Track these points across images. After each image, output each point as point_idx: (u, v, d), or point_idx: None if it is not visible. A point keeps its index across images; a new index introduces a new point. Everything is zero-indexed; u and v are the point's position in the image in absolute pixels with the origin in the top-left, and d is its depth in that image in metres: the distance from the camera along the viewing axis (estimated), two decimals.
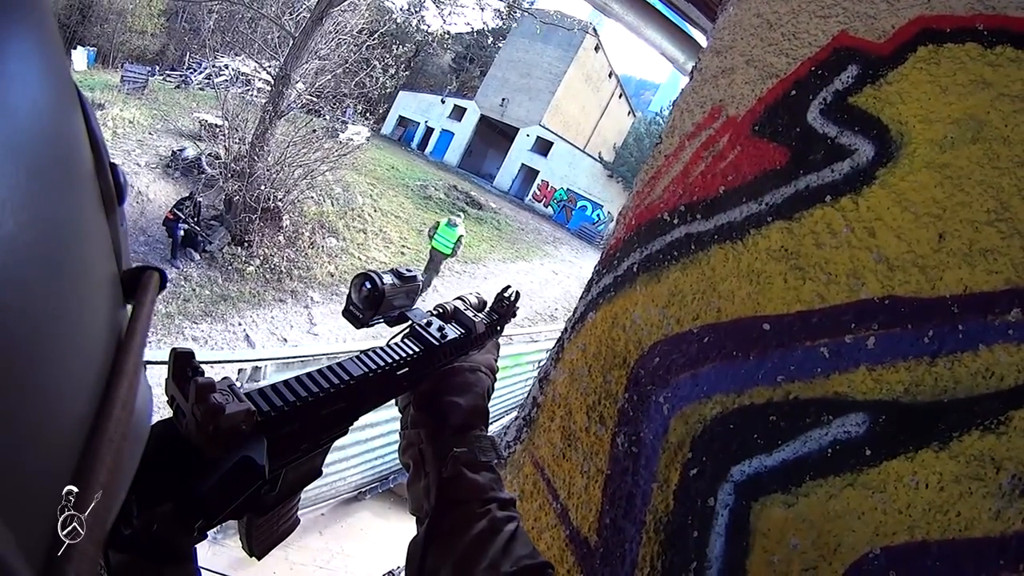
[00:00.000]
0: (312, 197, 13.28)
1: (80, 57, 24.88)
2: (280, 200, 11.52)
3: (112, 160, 0.68)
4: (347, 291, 0.79)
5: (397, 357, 0.77)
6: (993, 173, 0.70)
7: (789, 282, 0.84)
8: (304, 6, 14.32)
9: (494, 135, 37.25)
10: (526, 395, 1.45)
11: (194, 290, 9.28)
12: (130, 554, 0.49)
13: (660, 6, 2.63)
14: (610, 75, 38.70)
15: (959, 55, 0.78)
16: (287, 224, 11.69)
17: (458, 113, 36.44)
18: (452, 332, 0.87)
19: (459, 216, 12.70)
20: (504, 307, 1.01)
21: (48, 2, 0.52)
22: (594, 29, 33.42)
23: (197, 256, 10.18)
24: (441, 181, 24.16)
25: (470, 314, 0.92)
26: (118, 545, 0.48)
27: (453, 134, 36.14)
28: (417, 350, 0.81)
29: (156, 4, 28.97)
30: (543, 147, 33.03)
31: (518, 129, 34.22)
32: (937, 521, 0.65)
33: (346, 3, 13.08)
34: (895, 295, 0.73)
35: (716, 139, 1.07)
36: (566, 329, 1.35)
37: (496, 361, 0.98)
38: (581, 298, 1.33)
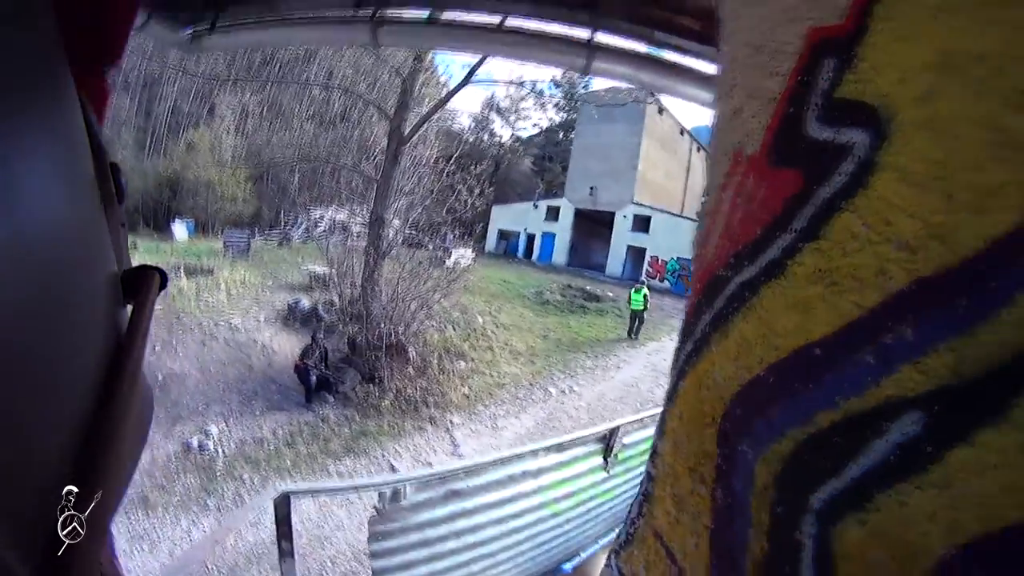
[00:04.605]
0: (433, 325, 13.86)
1: (180, 229, 26.33)
2: (402, 334, 12.15)
3: (113, 160, 0.68)
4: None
5: None
6: (977, 99, 0.65)
7: (828, 300, 0.80)
8: (379, 149, 15.12)
9: (592, 225, 37.82)
10: (643, 473, 1.44)
11: (333, 430, 9.81)
12: None
13: (683, 60, 2.66)
14: (682, 132, 38.61)
15: None
16: (413, 355, 12.24)
17: (553, 213, 37.57)
18: None
19: (644, 285, 19.19)
20: None
21: (48, 1, 0.51)
22: (651, 93, 33.80)
23: (331, 398, 10.81)
24: (554, 283, 24.59)
25: None
26: None
27: (554, 235, 37.16)
28: None
29: (240, 172, 30.95)
30: (642, 224, 33.10)
31: (613, 213, 34.57)
32: (1009, 501, 0.58)
33: (415, 138, 13.89)
34: (922, 276, 0.68)
35: (744, 183, 1.06)
36: (665, 401, 1.35)
37: None
38: (672, 369, 1.32)
